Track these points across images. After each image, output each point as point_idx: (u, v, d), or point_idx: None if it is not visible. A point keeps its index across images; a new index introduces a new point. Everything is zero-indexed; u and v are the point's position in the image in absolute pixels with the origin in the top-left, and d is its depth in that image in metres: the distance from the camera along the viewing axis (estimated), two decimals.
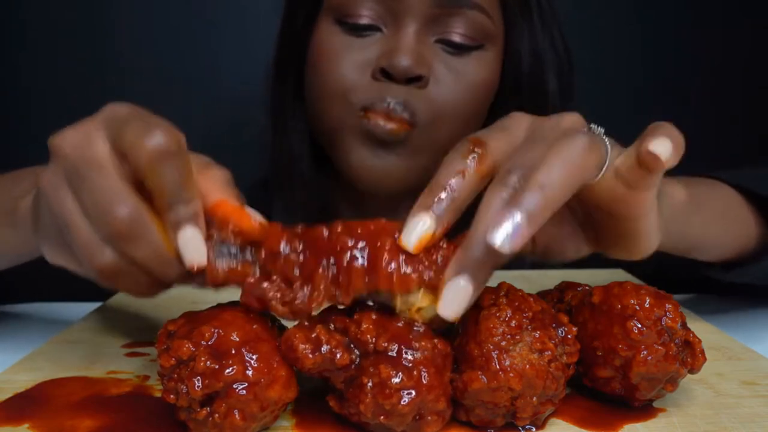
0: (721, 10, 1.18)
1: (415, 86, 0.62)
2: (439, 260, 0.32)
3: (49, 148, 0.34)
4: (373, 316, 0.33)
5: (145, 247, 0.33)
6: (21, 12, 1.06)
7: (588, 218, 0.41)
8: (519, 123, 0.38)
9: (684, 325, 0.35)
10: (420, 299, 0.33)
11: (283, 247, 0.34)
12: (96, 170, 0.32)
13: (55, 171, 0.34)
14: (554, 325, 0.35)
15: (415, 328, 0.33)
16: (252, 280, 0.34)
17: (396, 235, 0.33)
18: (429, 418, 0.32)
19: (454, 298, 0.31)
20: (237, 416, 0.31)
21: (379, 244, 0.32)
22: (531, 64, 0.69)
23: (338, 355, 0.32)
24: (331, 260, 0.33)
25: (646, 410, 0.36)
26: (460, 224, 0.34)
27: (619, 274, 0.65)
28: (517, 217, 0.30)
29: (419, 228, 0.32)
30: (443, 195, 0.33)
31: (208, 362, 0.31)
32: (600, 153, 0.34)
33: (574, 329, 0.35)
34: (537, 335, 0.33)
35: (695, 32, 1.18)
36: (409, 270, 0.32)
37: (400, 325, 0.33)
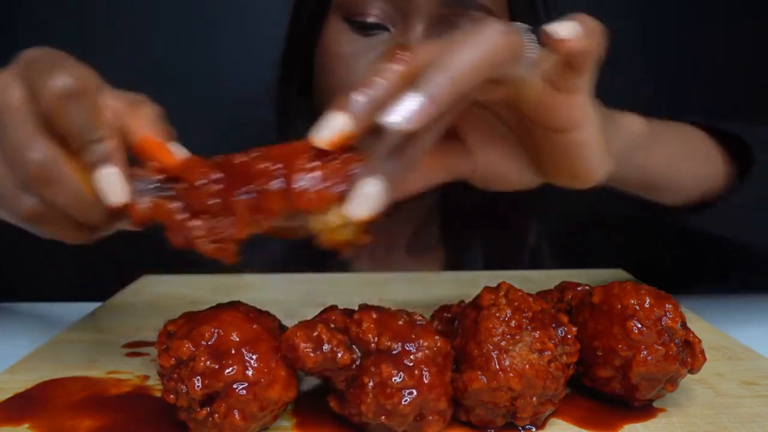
0: (723, 10, 1.18)
1: None
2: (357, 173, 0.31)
3: None
4: (374, 315, 0.33)
5: (63, 191, 0.32)
6: (21, 11, 1.06)
7: (526, 137, 0.40)
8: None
9: (684, 325, 0.35)
10: (337, 217, 0.31)
11: (202, 178, 0.32)
12: (9, 117, 0.32)
13: None
14: (554, 325, 0.35)
15: (417, 325, 0.33)
16: (178, 218, 0.32)
17: (311, 152, 0.31)
18: (430, 418, 0.32)
19: (363, 196, 0.30)
20: (237, 416, 0.31)
21: (295, 163, 0.31)
22: None
23: (339, 355, 0.32)
24: (248, 186, 0.32)
25: (646, 410, 0.36)
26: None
27: (619, 274, 0.65)
28: (417, 96, 0.29)
29: (332, 124, 0.31)
30: (361, 95, 0.31)
31: (208, 362, 0.31)
32: (514, 42, 0.32)
33: (574, 329, 0.35)
34: (537, 335, 0.33)
35: (696, 31, 1.18)
36: (325, 185, 0.31)
37: (401, 324, 0.33)
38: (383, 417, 0.31)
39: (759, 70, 1.20)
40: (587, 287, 0.40)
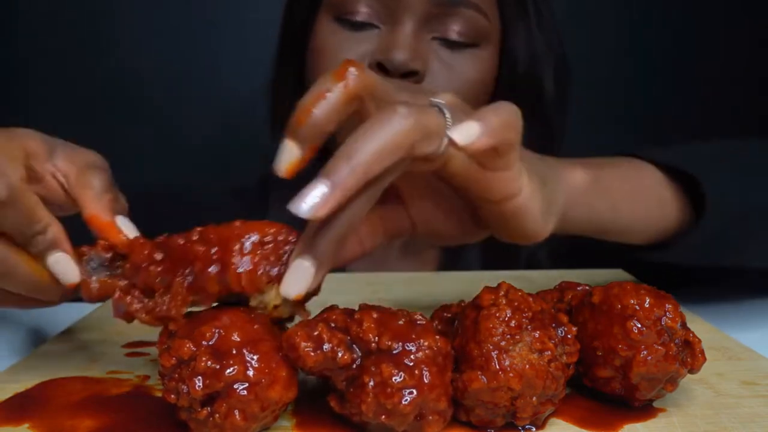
0: (723, 11, 1.19)
1: (410, 81, 0.63)
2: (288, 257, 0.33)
3: None
4: (375, 315, 0.33)
5: (18, 281, 0.36)
6: (21, 11, 1.06)
7: (464, 202, 0.40)
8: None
9: (684, 325, 0.35)
10: (274, 297, 0.34)
11: (145, 259, 0.35)
12: None
13: None
14: (554, 325, 0.35)
15: (417, 325, 0.33)
16: (117, 295, 0.35)
17: (247, 237, 0.34)
18: (430, 417, 0.32)
19: (295, 275, 0.32)
20: (238, 416, 0.31)
21: (230, 247, 0.33)
22: (527, 64, 0.70)
23: (340, 354, 0.32)
24: (188, 268, 0.34)
25: (646, 410, 0.36)
26: None
27: (619, 274, 0.65)
28: (322, 186, 0.30)
29: (285, 155, 0.32)
30: (307, 120, 0.31)
31: (209, 362, 0.31)
32: (426, 124, 0.32)
33: (574, 329, 0.35)
34: (537, 335, 0.33)
35: (694, 32, 1.19)
36: (259, 269, 0.33)
37: (401, 323, 0.33)
38: (383, 416, 0.31)
39: (759, 72, 1.21)
40: (587, 287, 0.40)
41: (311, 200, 0.29)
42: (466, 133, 0.33)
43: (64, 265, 0.36)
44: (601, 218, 0.48)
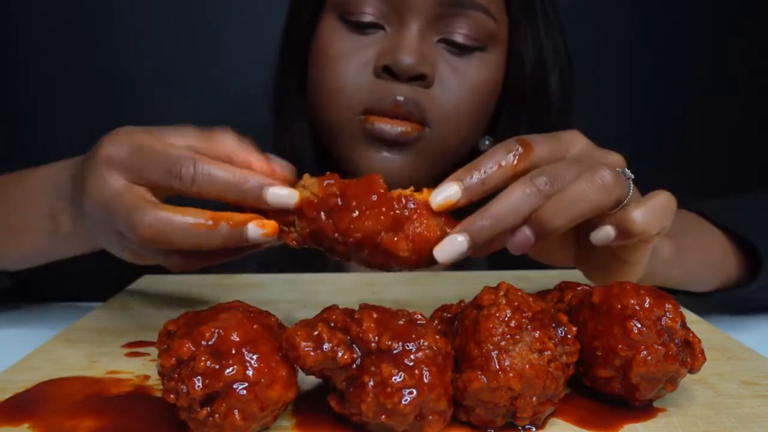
0: (723, 14, 1.19)
1: (419, 85, 0.62)
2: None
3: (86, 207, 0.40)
4: (375, 315, 0.33)
5: (183, 234, 0.37)
6: (20, 11, 1.06)
7: (587, 248, 0.44)
8: (572, 140, 0.42)
9: (684, 325, 0.35)
10: None
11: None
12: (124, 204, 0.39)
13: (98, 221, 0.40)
14: (554, 324, 0.35)
15: (417, 324, 0.33)
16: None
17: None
18: (430, 417, 0.32)
19: (450, 244, 0.37)
20: (237, 416, 0.31)
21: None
22: (534, 67, 0.69)
23: (340, 354, 0.32)
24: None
25: (646, 410, 0.36)
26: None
27: None
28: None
29: (446, 192, 0.38)
30: (476, 175, 0.38)
31: (209, 362, 0.31)
32: (617, 194, 0.39)
33: (574, 329, 0.35)
34: (537, 335, 0.33)
35: (694, 37, 1.19)
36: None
37: (401, 323, 0.33)
38: (383, 416, 0.31)
39: (759, 74, 1.21)
40: (587, 287, 0.40)
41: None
42: (643, 219, 0.39)
43: (280, 191, 0.38)
44: (674, 281, 0.55)
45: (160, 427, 0.34)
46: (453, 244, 0.37)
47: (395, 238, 0.37)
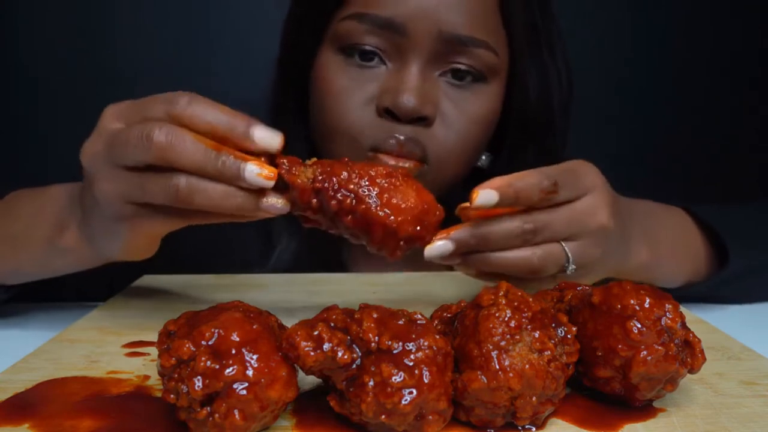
0: (722, 17, 1.19)
1: (420, 125, 0.62)
2: None
3: (82, 162, 0.43)
4: (375, 315, 0.33)
5: (187, 149, 0.39)
6: (21, 10, 1.06)
7: None
8: (589, 179, 0.47)
9: (684, 325, 0.35)
10: None
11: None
12: (123, 131, 0.40)
13: (96, 169, 0.42)
14: (554, 324, 0.35)
15: (417, 324, 0.33)
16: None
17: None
18: (430, 417, 0.32)
19: (438, 247, 0.44)
20: (237, 416, 0.31)
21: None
22: (537, 89, 0.68)
23: (340, 354, 0.32)
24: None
25: (646, 410, 0.36)
26: None
27: None
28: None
29: (488, 197, 0.43)
30: (512, 192, 0.43)
31: (209, 362, 0.31)
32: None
33: (574, 329, 0.35)
34: (536, 335, 0.33)
35: (694, 36, 1.19)
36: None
37: (401, 323, 0.33)
38: (383, 416, 0.31)
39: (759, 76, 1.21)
40: (587, 287, 0.40)
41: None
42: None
43: (268, 133, 0.40)
44: (646, 280, 0.56)
45: (160, 427, 0.34)
46: (441, 248, 0.44)
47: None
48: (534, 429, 0.34)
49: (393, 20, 0.60)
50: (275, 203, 0.41)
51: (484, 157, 0.71)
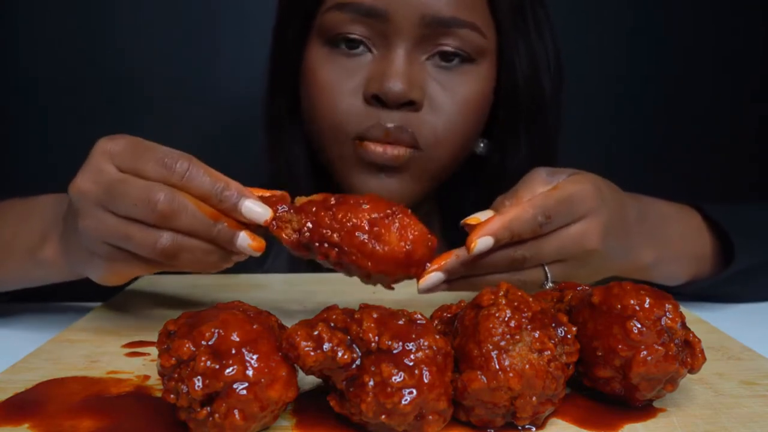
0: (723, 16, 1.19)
1: (409, 110, 0.61)
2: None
3: (70, 194, 0.42)
4: (375, 315, 0.33)
5: (188, 217, 0.40)
6: (21, 10, 1.06)
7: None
8: (584, 206, 0.47)
9: (684, 325, 0.35)
10: None
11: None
12: (123, 183, 0.41)
13: (84, 207, 0.42)
14: (554, 324, 0.35)
15: (417, 324, 0.33)
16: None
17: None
18: (430, 417, 0.32)
19: (430, 279, 0.45)
20: (237, 416, 0.31)
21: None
22: (527, 72, 0.68)
23: (340, 354, 0.32)
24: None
25: (646, 410, 0.36)
26: None
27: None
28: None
29: (486, 244, 0.44)
30: (508, 234, 0.44)
31: (209, 362, 0.31)
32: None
33: (574, 329, 0.35)
34: (536, 335, 0.33)
35: (693, 36, 1.19)
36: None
37: (401, 323, 0.33)
38: (383, 416, 0.31)
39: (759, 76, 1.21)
40: (587, 287, 0.40)
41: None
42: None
43: (255, 205, 0.42)
44: (654, 277, 0.59)
45: (160, 427, 0.34)
46: (433, 280, 0.45)
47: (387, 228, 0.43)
48: (534, 429, 0.34)
49: (375, 7, 0.60)
50: (247, 246, 0.43)
51: (482, 145, 0.71)
